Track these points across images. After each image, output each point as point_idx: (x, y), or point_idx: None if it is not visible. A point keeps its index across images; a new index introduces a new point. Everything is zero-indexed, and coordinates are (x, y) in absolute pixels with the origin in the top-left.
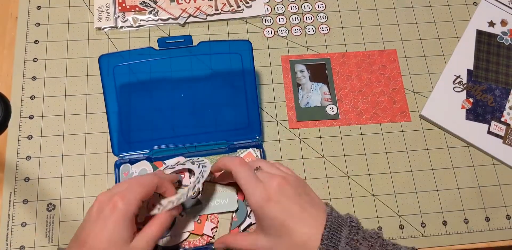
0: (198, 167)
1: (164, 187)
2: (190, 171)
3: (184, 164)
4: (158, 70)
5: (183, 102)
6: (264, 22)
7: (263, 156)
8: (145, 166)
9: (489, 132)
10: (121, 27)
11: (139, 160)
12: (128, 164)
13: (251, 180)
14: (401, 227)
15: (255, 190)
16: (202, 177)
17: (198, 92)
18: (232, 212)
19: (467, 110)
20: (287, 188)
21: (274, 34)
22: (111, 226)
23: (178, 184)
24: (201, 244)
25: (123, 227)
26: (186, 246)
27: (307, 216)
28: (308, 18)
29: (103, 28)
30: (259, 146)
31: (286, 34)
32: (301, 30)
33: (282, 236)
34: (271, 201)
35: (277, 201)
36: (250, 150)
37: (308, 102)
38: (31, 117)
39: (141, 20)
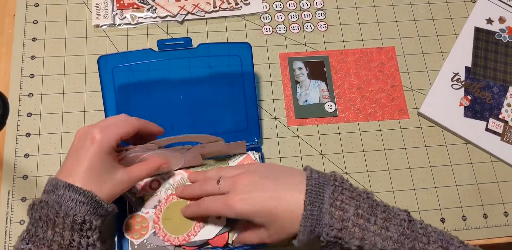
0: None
1: (148, 128)
2: None
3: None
4: (157, 72)
5: (182, 104)
6: (262, 19)
7: (262, 158)
8: None
9: (487, 129)
10: (119, 24)
11: None
12: None
13: (218, 200)
14: None
15: (226, 204)
16: None
17: (197, 94)
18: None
19: (465, 107)
20: (254, 180)
21: (273, 31)
22: (90, 156)
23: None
24: None
25: (102, 158)
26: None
27: (285, 193)
28: (306, 16)
29: (101, 26)
30: (258, 149)
31: (284, 32)
32: (299, 27)
33: (273, 222)
34: (246, 202)
35: (252, 198)
36: (249, 152)
37: (306, 100)
38: (29, 115)
39: (139, 17)
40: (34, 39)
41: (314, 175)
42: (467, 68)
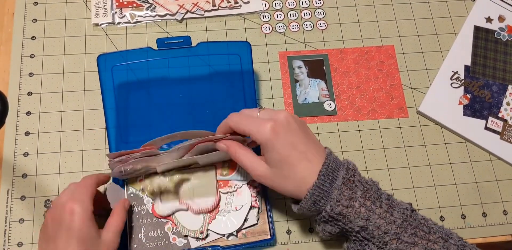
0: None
1: (101, 181)
2: None
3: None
4: (157, 71)
5: (181, 103)
6: (261, 18)
7: None
8: None
9: (486, 128)
10: (119, 23)
11: None
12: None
13: (254, 119)
14: None
15: (261, 125)
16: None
17: (196, 93)
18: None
19: (464, 106)
20: (293, 122)
21: (272, 30)
22: (76, 229)
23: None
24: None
25: (88, 226)
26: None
27: (309, 152)
28: (306, 14)
29: (101, 24)
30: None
31: (283, 30)
32: (299, 26)
33: (283, 168)
34: (278, 134)
35: (284, 134)
36: None
37: (306, 99)
38: (28, 113)
39: (138, 16)
40: (33, 38)
41: (333, 155)
42: (466, 67)
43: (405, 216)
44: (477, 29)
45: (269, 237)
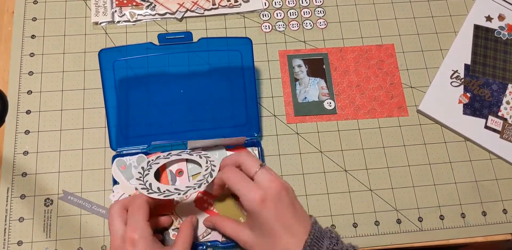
0: (206, 162)
1: (154, 202)
2: (187, 161)
3: (180, 155)
4: (158, 66)
5: (182, 98)
6: (261, 16)
7: (261, 154)
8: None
9: (486, 127)
10: (118, 22)
11: (136, 153)
12: (122, 158)
13: (247, 183)
14: (398, 221)
15: (251, 192)
16: (211, 176)
17: (197, 88)
18: None
19: (464, 105)
20: (284, 195)
21: (272, 28)
22: None
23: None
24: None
25: None
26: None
27: (295, 225)
28: (305, 13)
29: (100, 23)
30: (257, 144)
31: (283, 29)
32: (298, 24)
33: (267, 238)
34: (266, 206)
35: (272, 206)
36: (248, 149)
37: (305, 97)
38: (28, 112)
39: (138, 14)
40: (33, 37)
41: (318, 224)
42: (466, 65)
43: None
44: (477, 28)
45: None
